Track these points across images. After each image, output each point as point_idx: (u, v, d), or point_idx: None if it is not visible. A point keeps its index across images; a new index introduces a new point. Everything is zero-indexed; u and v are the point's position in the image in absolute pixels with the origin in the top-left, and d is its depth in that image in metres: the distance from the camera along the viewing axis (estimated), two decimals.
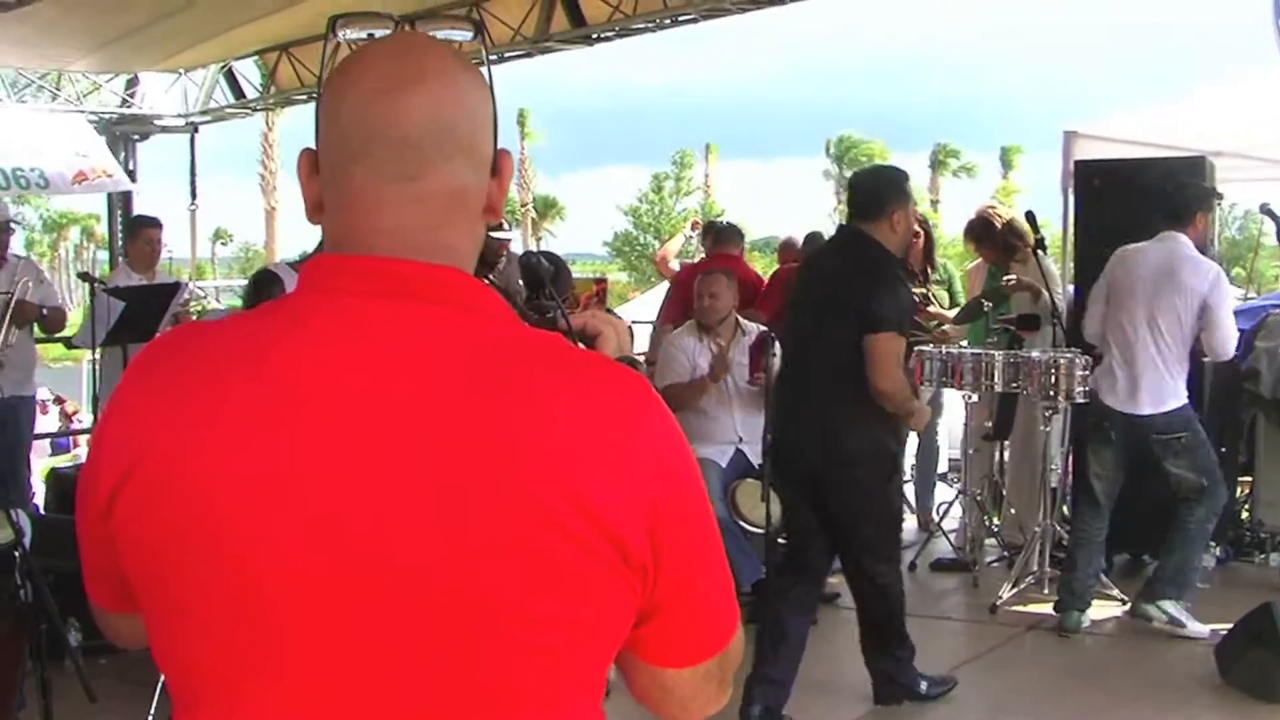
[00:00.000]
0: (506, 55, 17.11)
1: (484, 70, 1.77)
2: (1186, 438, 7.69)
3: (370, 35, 1.94)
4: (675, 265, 12.98)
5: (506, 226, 13.70)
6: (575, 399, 1.60)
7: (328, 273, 1.65)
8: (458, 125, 1.67)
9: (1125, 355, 7.75)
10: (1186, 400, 7.79)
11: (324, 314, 1.62)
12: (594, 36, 16.04)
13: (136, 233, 10.68)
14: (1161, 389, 7.69)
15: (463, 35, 1.98)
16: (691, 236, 14.33)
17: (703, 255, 12.18)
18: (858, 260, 6.39)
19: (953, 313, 10.00)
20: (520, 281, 7.87)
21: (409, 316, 1.60)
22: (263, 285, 8.09)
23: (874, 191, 6.49)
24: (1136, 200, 8.51)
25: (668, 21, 15.40)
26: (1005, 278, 9.57)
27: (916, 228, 8.52)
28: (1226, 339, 7.71)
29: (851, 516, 6.41)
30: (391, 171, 1.63)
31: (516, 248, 13.43)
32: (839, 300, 6.31)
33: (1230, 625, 7.10)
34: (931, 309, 9.91)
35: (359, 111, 1.64)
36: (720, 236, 11.31)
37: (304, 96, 17.88)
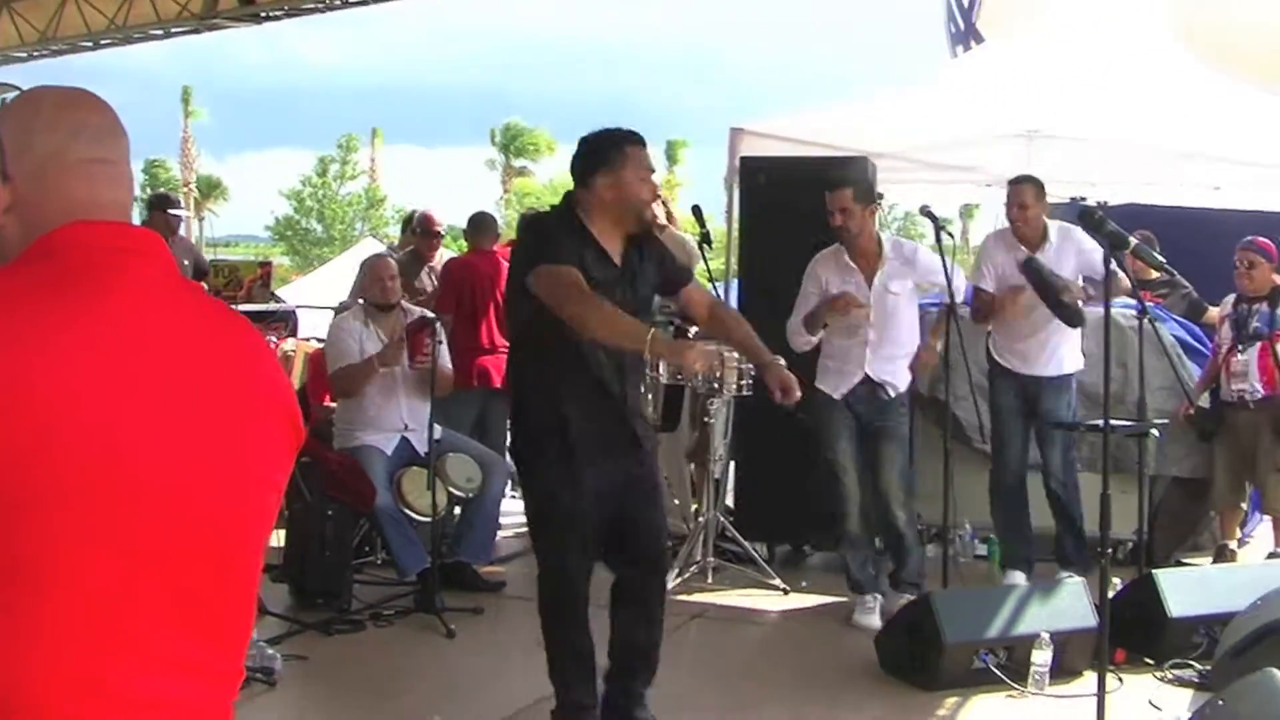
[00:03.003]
0: (173, 30, 16.68)
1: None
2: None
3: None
4: None
5: (182, 204, 13.35)
6: (246, 326, 2.26)
7: (106, 235, 2.10)
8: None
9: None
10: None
11: (124, 268, 2.07)
12: (262, 15, 15.74)
13: None
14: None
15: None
16: None
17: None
18: (528, 227, 6.13)
19: None
20: (185, 262, 7.65)
21: (162, 267, 2.14)
22: None
23: (576, 160, 5.84)
24: (800, 197, 8.64)
25: (337, 3, 15.19)
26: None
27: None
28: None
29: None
30: (100, 152, 2.15)
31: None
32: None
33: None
34: None
35: (59, 115, 2.14)
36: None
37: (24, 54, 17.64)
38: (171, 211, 12.20)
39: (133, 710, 1.98)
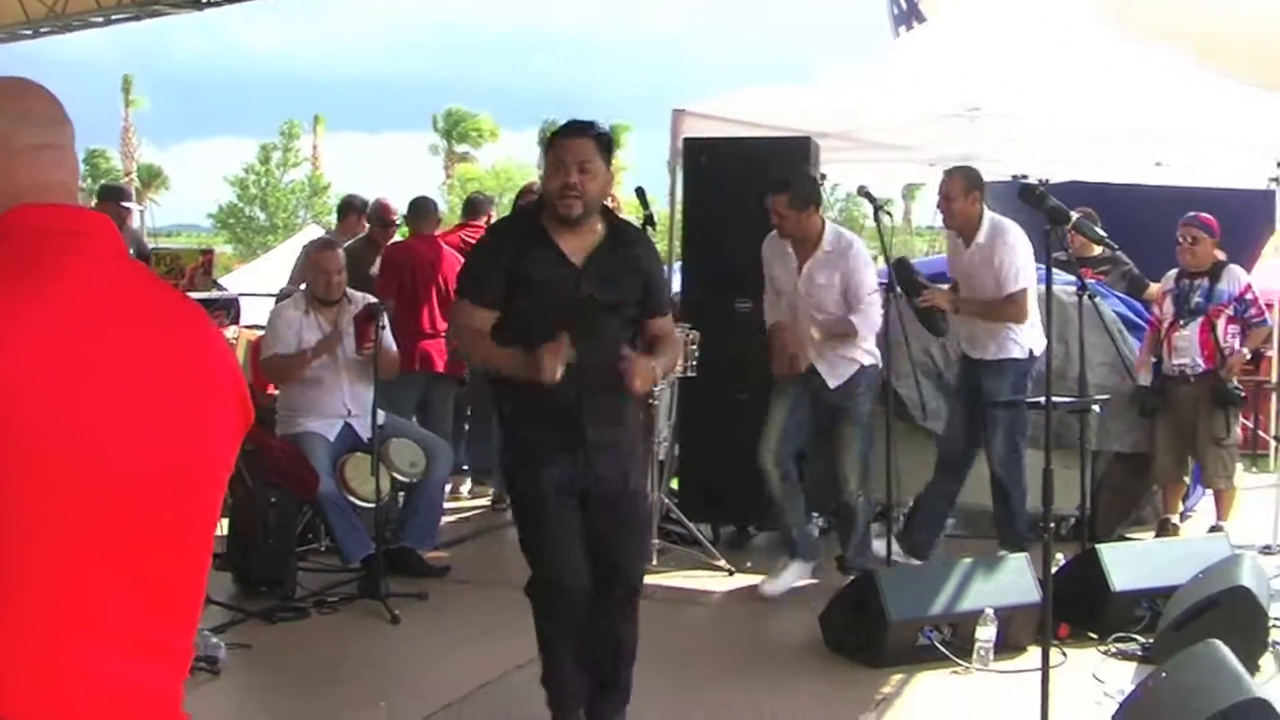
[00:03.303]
0: (113, 18, 16.50)
1: None
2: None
3: None
4: None
5: (134, 197, 13.25)
6: (194, 307, 2.29)
7: (55, 218, 2.11)
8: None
9: None
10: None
11: (74, 250, 2.08)
12: (203, 1, 15.60)
13: None
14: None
15: None
16: None
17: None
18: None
19: None
20: (131, 251, 7.57)
21: (112, 249, 2.15)
22: None
23: None
24: (742, 178, 8.63)
25: None
26: None
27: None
28: None
29: None
30: (46, 139, 2.17)
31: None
32: None
33: (835, 592, 7.30)
34: None
35: (3, 103, 2.15)
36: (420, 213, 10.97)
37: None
38: (124, 204, 12.10)
39: (92, 693, 1.98)
